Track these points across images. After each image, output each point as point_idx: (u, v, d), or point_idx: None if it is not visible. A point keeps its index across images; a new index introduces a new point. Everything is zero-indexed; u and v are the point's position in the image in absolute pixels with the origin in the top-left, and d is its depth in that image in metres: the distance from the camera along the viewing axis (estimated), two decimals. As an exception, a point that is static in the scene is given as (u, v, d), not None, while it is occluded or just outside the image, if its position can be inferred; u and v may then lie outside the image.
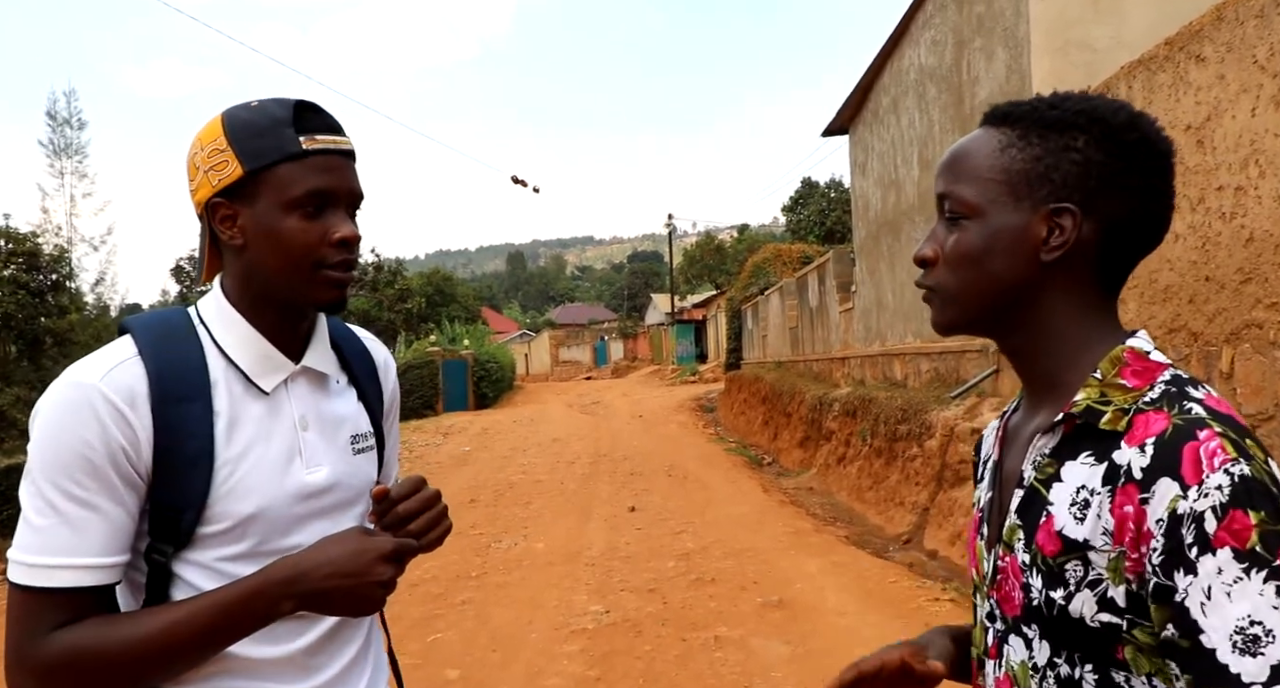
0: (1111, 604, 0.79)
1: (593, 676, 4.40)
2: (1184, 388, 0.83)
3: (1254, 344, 4.10)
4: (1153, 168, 0.88)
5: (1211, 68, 4.41)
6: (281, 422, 1.15)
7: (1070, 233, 0.87)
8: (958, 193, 0.92)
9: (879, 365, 11.30)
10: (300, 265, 1.11)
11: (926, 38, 9.42)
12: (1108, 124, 0.87)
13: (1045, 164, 0.88)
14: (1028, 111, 0.91)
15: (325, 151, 1.12)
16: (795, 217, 34.16)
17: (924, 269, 0.96)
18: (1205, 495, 0.74)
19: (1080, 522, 0.82)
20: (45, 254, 15.40)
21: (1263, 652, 0.70)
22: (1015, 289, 0.90)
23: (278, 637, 1.12)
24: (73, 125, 21.69)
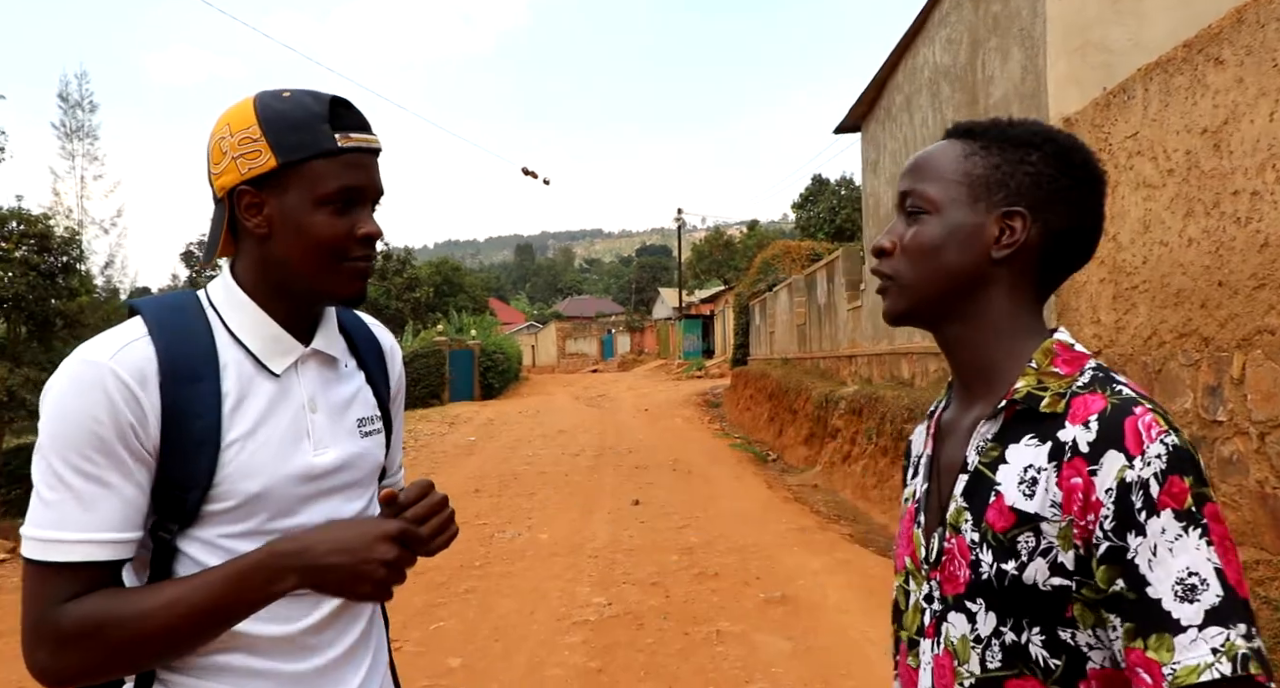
0: (1062, 569, 0.87)
1: (594, 667, 4.41)
2: (1108, 374, 0.94)
3: (1266, 350, 4.07)
4: (1091, 189, 0.99)
5: (1230, 71, 4.38)
6: (290, 403, 1.16)
7: (1020, 234, 0.97)
8: (921, 190, 1.01)
9: (886, 364, 11.28)
10: (325, 259, 1.13)
11: (941, 36, 9.37)
12: (1059, 144, 0.99)
13: (1003, 172, 0.99)
14: (989, 127, 1.02)
15: (357, 149, 1.13)
16: (805, 213, 34.07)
17: (879, 259, 1.05)
18: (1148, 464, 0.83)
19: (1030, 497, 0.90)
20: (56, 236, 15.43)
21: (1198, 599, 0.79)
22: (965, 281, 0.99)
23: (281, 616, 1.13)
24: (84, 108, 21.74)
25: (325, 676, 1.17)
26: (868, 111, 12.65)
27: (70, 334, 15.92)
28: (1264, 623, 3.28)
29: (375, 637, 1.27)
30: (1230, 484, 4.31)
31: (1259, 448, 4.11)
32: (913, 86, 10.51)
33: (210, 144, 1.16)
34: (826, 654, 4.47)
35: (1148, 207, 5.12)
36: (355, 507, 1.23)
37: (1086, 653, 0.88)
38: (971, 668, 0.95)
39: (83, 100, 21.78)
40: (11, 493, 15.76)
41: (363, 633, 1.24)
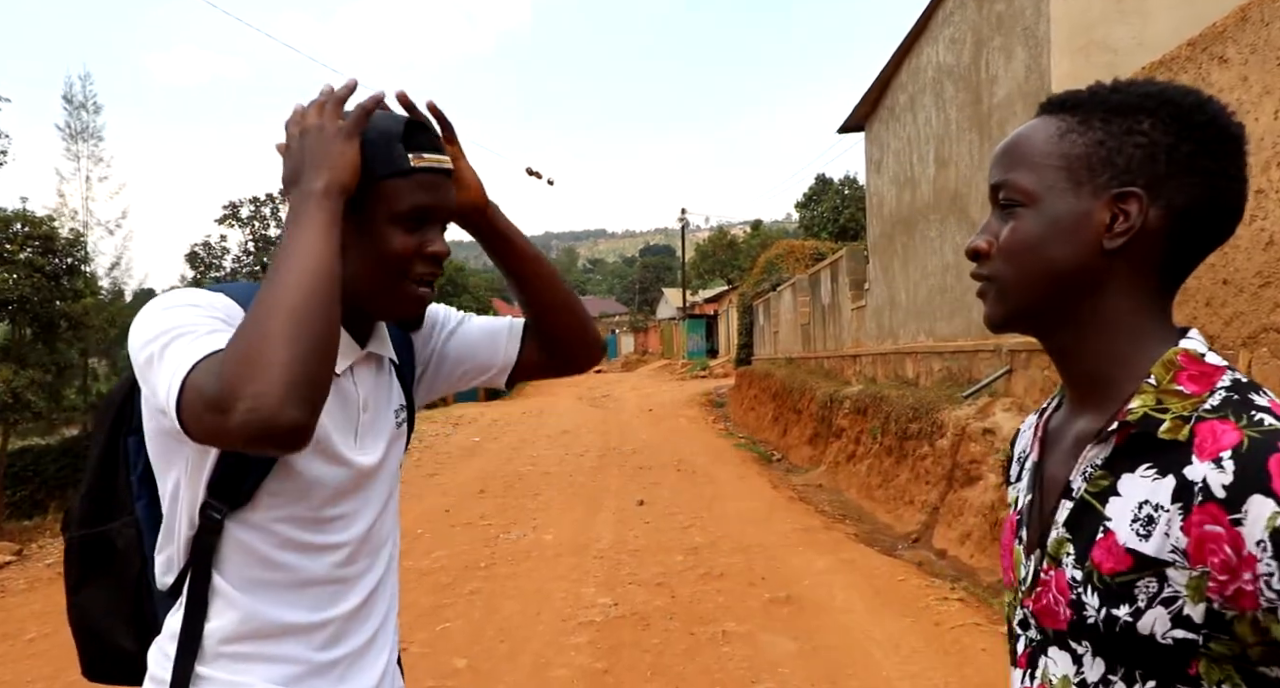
0: (1188, 622, 0.76)
1: (600, 668, 4.41)
2: (1246, 395, 0.79)
3: (1271, 349, 4.07)
4: (1224, 151, 0.83)
5: (1234, 69, 4.37)
6: (346, 402, 1.20)
7: (1136, 219, 0.82)
8: (1013, 180, 0.88)
9: (891, 364, 11.27)
10: (390, 274, 1.16)
11: (945, 35, 9.36)
12: (1176, 105, 0.83)
13: (1108, 148, 0.84)
14: (1088, 97, 0.87)
15: (430, 170, 1.16)
16: (809, 213, 34.07)
17: (976, 262, 0.92)
18: None
19: (1145, 539, 0.79)
20: (61, 238, 15.47)
21: None
22: (1075, 280, 0.85)
23: (319, 603, 1.17)
24: (88, 109, 21.82)
25: (352, 664, 1.21)
26: (871, 111, 12.64)
27: (75, 336, 15.97)
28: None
29: (392, 627, 1.31)
30: (1236, 483, 4.30)
31: (1265, 447, 4.11)
32: (916, 86, 10.50)
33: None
34: (832, 654, 4.48)
35: (1152, 205, 5.12)
36: (384, 496, 1.28)
37: None
38: None
39: (87, 102, 21.87)
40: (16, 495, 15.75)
41: (382, 622, 1.28)
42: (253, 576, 1.13)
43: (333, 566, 1.19)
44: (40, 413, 15.13)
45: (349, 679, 1.21)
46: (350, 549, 1.21)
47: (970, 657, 4.30)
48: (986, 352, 8.06)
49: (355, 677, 1.21)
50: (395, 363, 1.33)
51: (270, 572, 1.14)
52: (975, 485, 6.68)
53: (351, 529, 1.21)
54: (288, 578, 1.15)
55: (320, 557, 1.17)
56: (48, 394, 15.40)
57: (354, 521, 1.21)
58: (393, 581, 1.31)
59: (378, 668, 1.25)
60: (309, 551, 1.16)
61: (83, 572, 1.24)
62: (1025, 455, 1.01)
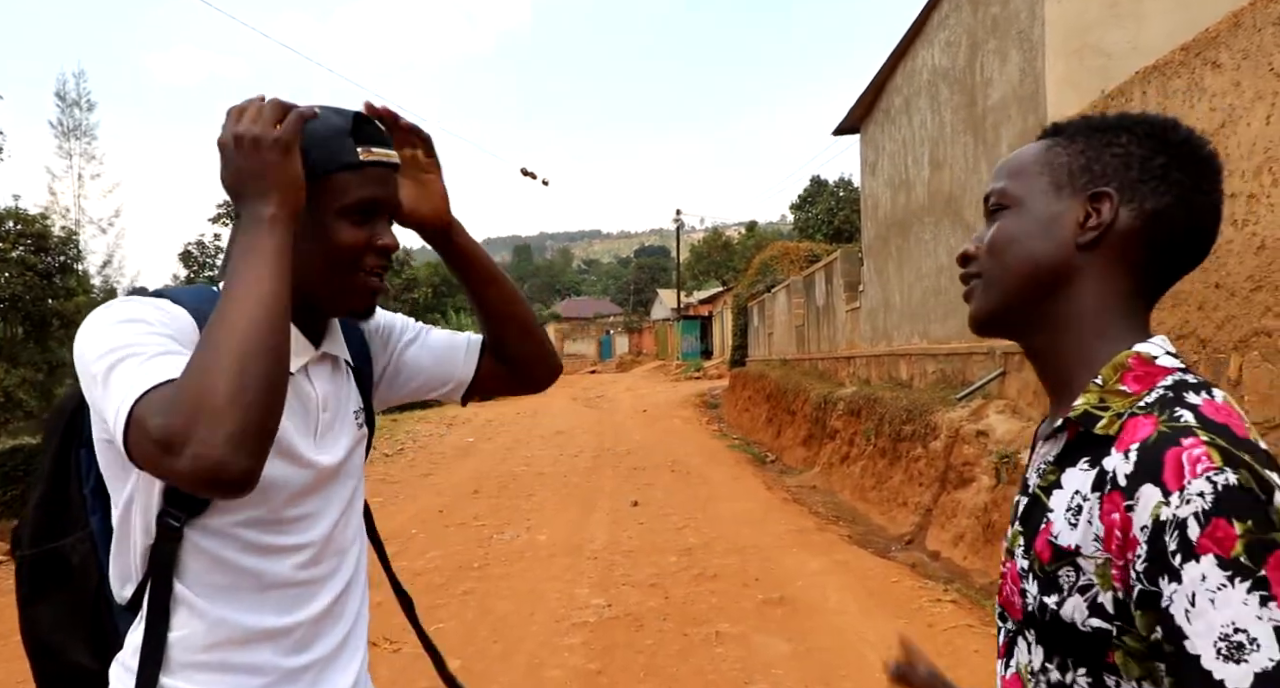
0: (1101, 610, 0.80)
1: (593, 668, 4.41)
2: (1182, 394, 0.82)
3: (1263, 352, 4.09)
4: (1196, 168, 0.88)
5: (1227, 74, 4.39)
6: (303, 402, 1.20)
7: (1107, 215, 0.88)
8: (1001, 188, 0.96)
9: (885, 365, 11.30)
10: (341, 267, 1.17)
11: (940, 38, 9.39)
12: (1152, 125, 0.90)
13: (1087, 157, 0.91)
14: (1077, 119, 0.95)
15: (378, 163, 1.17)
16: (804, 215, 34.10)
17: (965, 266, 0.98)
18: (1187, 502, 0.73)
19: (1073, 528, 0.83)
20: (54, 236, 15.42)
21: (1246, 659, 0.70)
22: (1051, 274, 0.90)
23: (285, 607, 1.16)
24: (81, 107, 21.74)
25: (323, 670, 1.20)
26: (866, 113, 12.67)
27: (67, 334, 15.91)
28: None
29: (363, 631, 1.31)
30: (1227, 486, 4.32)
31: (1256, 450, 4.13)
32: (911, 88, 10.53)
33: None
34: (825, 655, 4.48)
35: (1145, 209, 5.14)
36: (347, 496, 1.27)
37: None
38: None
39: (80, 99, 21.79)
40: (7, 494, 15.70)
41: (353, 626, 1.27)
42: (215, 581, 1.11)
43: (296, 567, 1.17)
44: (32, 412, 15.07)
45: (319, 685, 1.19)
46: (314, 550, 1.19)
47: (963, 658, 4.31)
48: (980, 354, 8.08)
49: (326, 683, 1.20)
50: (351, 365, 1.32)
51: (233, 577, 1.12)
52: (968, 487, 6.69)
53: (314, 530, 1.19)
54: (251, 583, 1.13)
55: (283, 559, 1.16)
56: (39, 393, 15.34)
57: (316, 521, 1.20)
58: (361, 583, 1.30)
59: (350, 673, 1.24)
60: (271, 553, 1.15)
61: (34, 589, 1.20)
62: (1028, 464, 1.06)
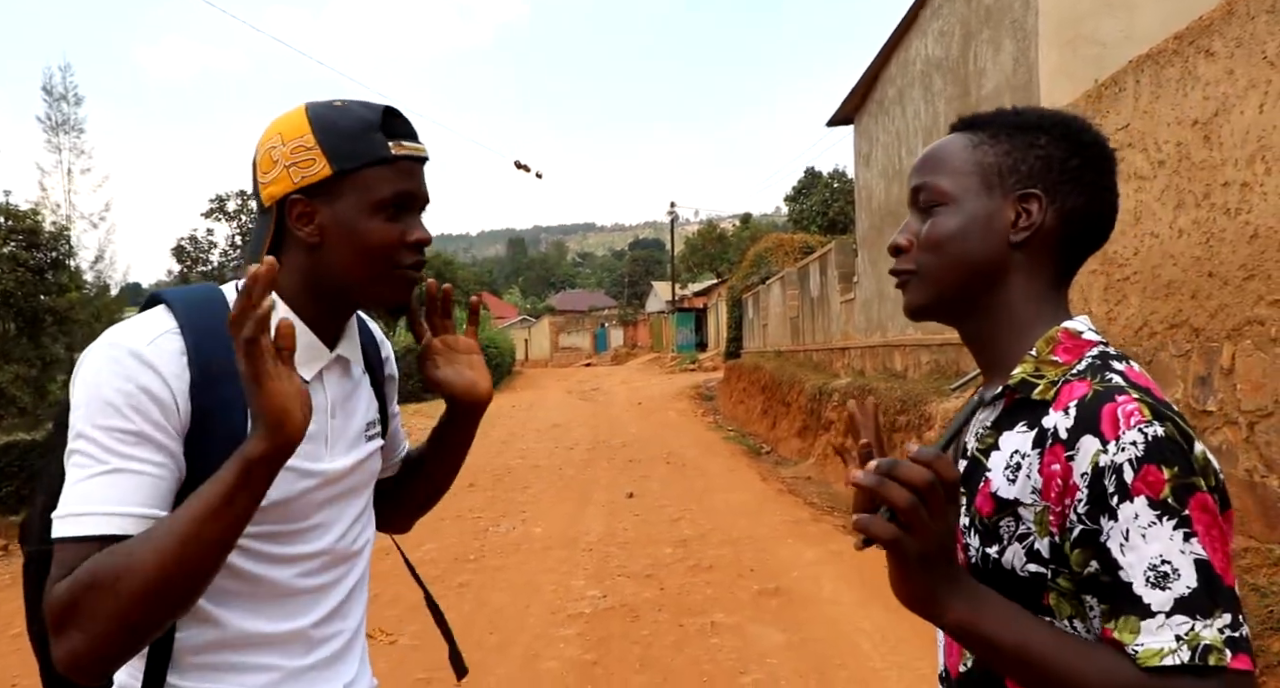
0: (1038, 555, 0.89)
1: (589, 659, 4.42)
2: (1108, 362, 0.93)
3: (1255, 341, 4.10)
4: (1103, 167, 1.00)
5: (1220, 63, 4.39)
6: (316, 409, 1.16)
7: (1037, 216, 0.97)
8: (933, 184, 1.01)
9: (879, 356, 11.31)
10: (378, 265, 1.14)
11: (934, 28, 9.37)
12: (1067, 126, 1.00)
13: (1014, 157, 0.99)
14: (994, 117, 1.03)
15: (409, 158, 1.15)
16: (798, 206, 34.07)
17: (896, 257, 1.05)
18: (1123, 449, 0.83)
19: (1012, 483, 0.92)
20: (45, 231, 15.35)
21: (1169, 587, 0.81)
22: (985, 270, 0.99)
23: (292, 613, 1.15)
24: (69, 100, 21.56)
25: (328, 668, 1.20)
26: (860, 104, 12.65)
27: (60, 330, 15.85)
28: (1251, 610, 3.31)
29: (362, 631, 1.30)
30: (1220, 474, 4.34)
31: (1248, 437, 4.14)
32: (905, 79, 10.51)
33: (259, 153, 1.16)
34: (821, 646, 4.50)
35: (1139, 198, 5.14)
36: (357, 507, 1.25)
37: None
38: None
39: (67, 93, 21.60)
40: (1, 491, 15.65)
41: (356, 628, 1.26)
42: (222, 587, 1.10)
43: (304, 575, 1.16)
44: (25, 408, 15.03)
45: (323, 683, 1.19)
46: (323, 559, 1.18)
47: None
48: (974, 344, 8.09)
49: (329, 681, 1.20)
50: (369, 372, 1.30)
51: (240, 583, 1.11)
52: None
53: (324, 539, 1.18)
54: (259, 590, 1.12)
55: (292, 567, 1.15)
56: (33, 389, 15.30)
57: (327, 531, 1.18)
58: (365, 587, 1.29)
59: (352, 667, 1.24)
60: (280, 562, 1.13)
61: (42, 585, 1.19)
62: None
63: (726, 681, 4.10)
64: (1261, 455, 4.06)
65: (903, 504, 0.80)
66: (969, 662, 0.99)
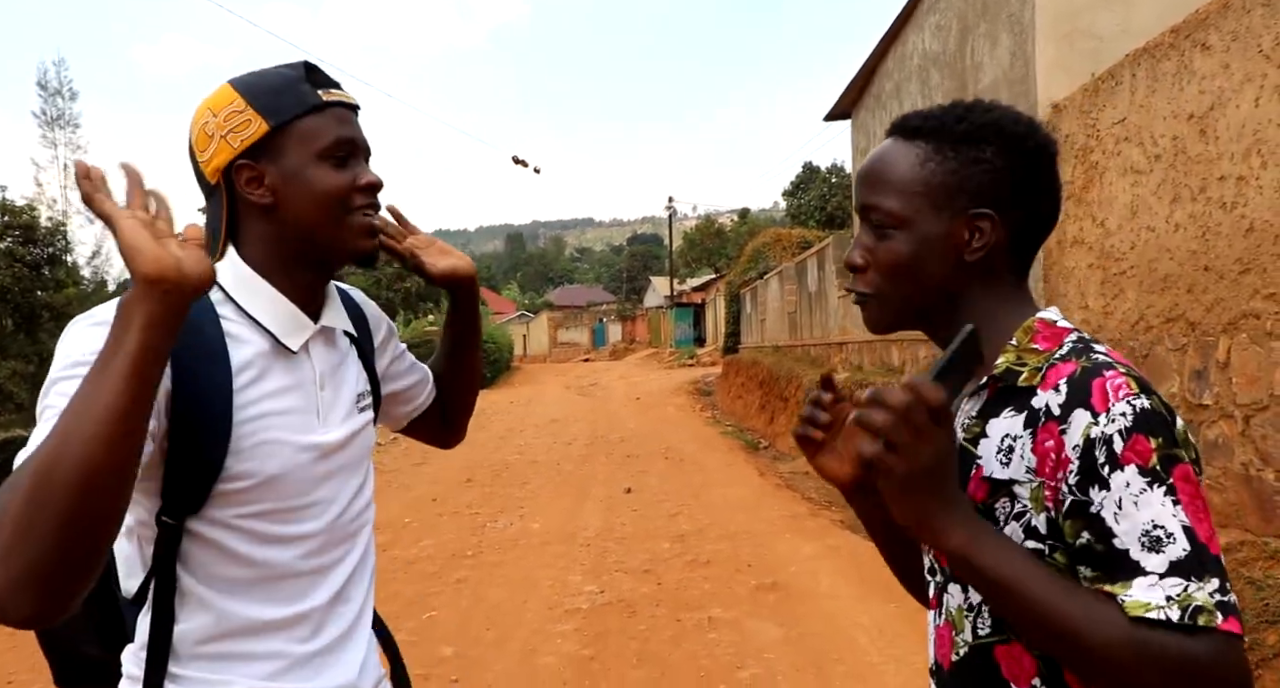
0: (1035, 532, 0.91)
1: (587, 655, 4.43)
2: (1089, 344, 0.96)
3: (1251, 335, 4.10)
4: (1050, 171, 1.01)
5: (1216, 56, 4.39)
6: (304, 381, 1.18)
7: (990, 235, 0.99)
8: (884, 205, 1.01)
9: (876, 351, 11.32)
10: (332, 212, 1.15)
11: (931, 22, 9.36)
12: (1009, 133, 0.99)
13: (959, 176, 0.99)
14: (937, 126, 1.01)
15: (340, 104, 1.16)
16: (796, 201, 34.07)
17: (853, 274, 1.06)
18: (1113, 420, 0.86)
19: (1006, 465, 0.94)
20: (41, 227, 15.34)
21: (1164, 550, 0.83)
22: (943, 289, 1.01)
23: (294, 596, 1.15)
24: (64, 96, 21.55)
25: (332, 652, 1.19)
26: (858, 99, 12.64)
27: (57, 326, 15.87)
28: (1246, 603, 3.32)
29: (369, 614, 1.29)
30: (1215, 467, 4.35)
31: (1244, 430, 4.15)
32: (902, 74, 10.50)
33: (193, 135, 1.15)
34: (818, 640, 4.51)
35: (1135, 192, 5.14)
36: (355, 482, 1.25)
37: None
38: (965, 636, 0.99)
39: (62, 88, 21.59)
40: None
41: (360, 610, 1.25)
42: (223, 573, 1.10)
43: (303, 556, 1.16)
44: (23, 404, 15.03)
45: (330, 668, 1.19)
46: (322, 539, 1.18)
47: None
48: (971, 339, 8.09)
49: (336, 666, 1.20)
50: (356, 344, 1.30)
51: (241, 568, 1.11)
52: (960, 472, 6.72)
53: (323, 517, 1.18)
54: (259, 573, 1.12)
55: (291, 548, 1.15)
56: (30, 385, 15.30)
57: (326, 509, 1.18)
58: (369, 567, 1.29)
59: (358, 656, 1.23)
60: (280, 542, 1.13)
61: None
62: None
63: (724, 675, 4.11)
64: (1257, 449, 4.07)
65: (879, 421, 0.84)
66: (961, 651, 1.00)
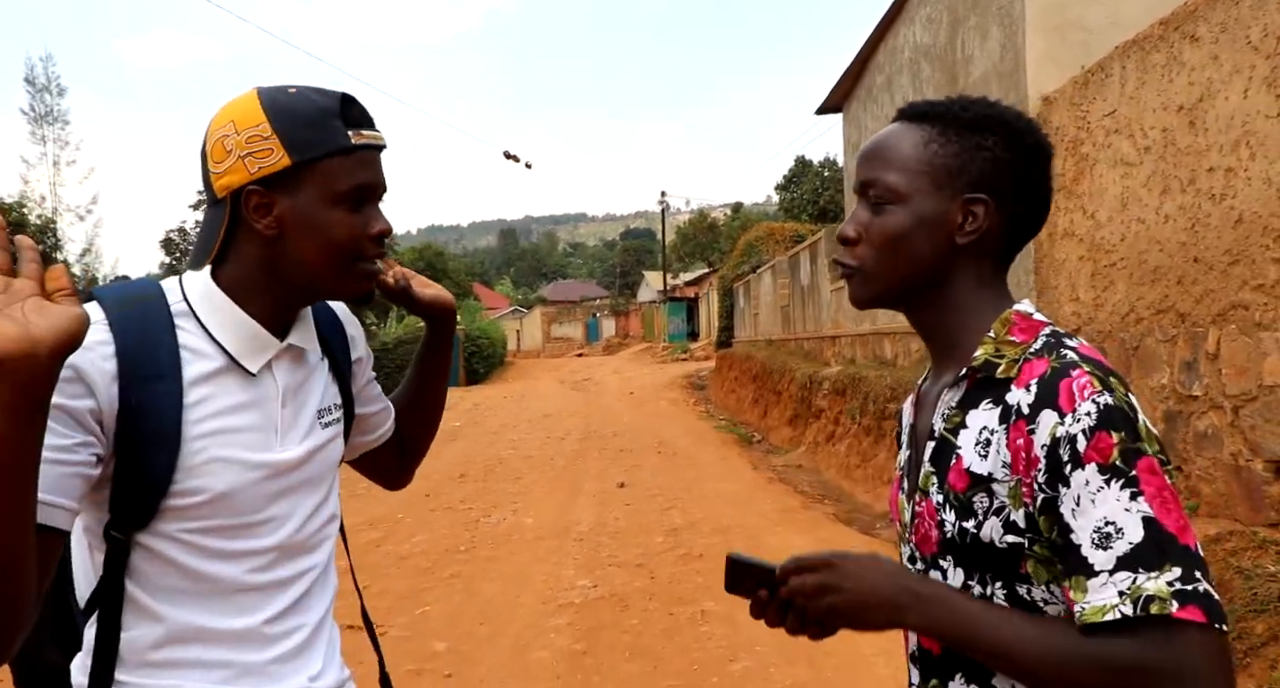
0: (1015, 527, 0.93)
1: (579, 649, 4.43)
2: (1060, 339, 0.98)
3: (1240, 326, 4.12)
4: (1045, 170, 1.04)
5: (1205, 48, 4.39)
6: (263, 399, 1.15)
7: (983, 220, 1.01)
8: (885, 180, 1.03)
9: (869, 344, 11.33)
10: (340, 258, 1.13)
11: (922, 15, 9.36)
12: (1011, 127, 1.02)
13: (962, 159, 1.01)
14: (943, 112, 1.04)
15: (370, 147, 1.13)
16: (789, 195, 34.05)
17: (844, 247, 1.07)
18: (1077, 420, 0.88)
19: (984, 458, 0.96)
20: (30, 224, 15.25)
21: (1111, 546, 0.85)
22: (931, 267, 1.03)
23: (244, 609, 1.12)
24: (52, 92, 21.38)
25: (285, 664, 1.16)
26: (849, 92, 12.64)
27: (48, 324, 15.76)
28: (1235, 592, 3.34)
29: (327, 625, 1.26)
30: (1205, 458, 4.36)
31: (1233, 421, 4.17)
32: (893, 67, 10.50)
33: (210, 142, 1.12)
34: (810, 632, 4.51)
35: (1125, 184, 5.15)
36: (315, 499, 1.22)
37: (1043, 608, 0.93)
38: None
39: (50, 84, 21.43)
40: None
41: (319, 621, 1.22)
42: (171, 585, 1.08)
43: (253, 571, 1.13)
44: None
45: (284, 678, 1.16)
46: (273, 555, 1.15)
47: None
48: (963, 332, 8.11)
49: (290, 676, 1.16)
50: (329, 356, 1.28)
51: (190, 581, 1.09)
52: (952, 464, 6.73)
53: (278, 534, 1.15)
54: (209, 587, 1.10)
55: (243, 563, 1.12)
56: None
57: (281, 525, 1.15)
58: (330, 582, 1.25)
59: (314, 667, 1.20)
60: (231, 558, 1.11)
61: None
62: (908, 424, 1.18)
63: (716, 668, 4.12)
64: (1246, 439, 4.08)
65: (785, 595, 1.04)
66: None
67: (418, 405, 1.49)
